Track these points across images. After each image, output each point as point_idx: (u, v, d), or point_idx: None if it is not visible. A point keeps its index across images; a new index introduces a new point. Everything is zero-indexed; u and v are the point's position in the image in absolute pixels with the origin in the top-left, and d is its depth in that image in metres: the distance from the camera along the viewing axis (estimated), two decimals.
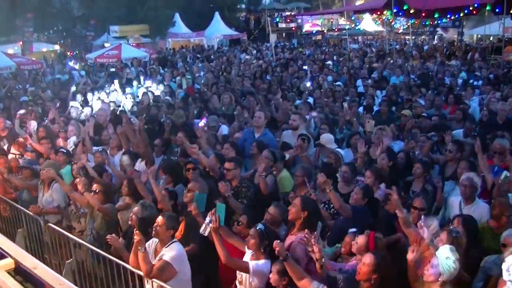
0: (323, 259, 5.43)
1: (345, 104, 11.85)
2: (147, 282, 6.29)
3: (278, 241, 5.47)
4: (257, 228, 6.02)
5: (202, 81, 19.66)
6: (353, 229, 6.24)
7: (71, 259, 7.76)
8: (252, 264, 5.95)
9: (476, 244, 6.14)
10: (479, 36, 42.68)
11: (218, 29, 46.84)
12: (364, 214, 6.79)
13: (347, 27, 50.63)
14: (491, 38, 37.91)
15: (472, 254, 5.87)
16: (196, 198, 6.93)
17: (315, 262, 5.45)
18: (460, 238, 5.71)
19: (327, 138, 9.61)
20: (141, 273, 6.25)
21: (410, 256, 5.44)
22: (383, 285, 5.28)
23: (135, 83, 20.18)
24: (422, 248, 5.56)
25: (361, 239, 5.89)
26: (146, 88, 18.32)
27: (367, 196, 7.09)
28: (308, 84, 17.34)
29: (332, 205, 7.17)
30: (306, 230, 5.68)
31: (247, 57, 32.38)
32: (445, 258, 5.06)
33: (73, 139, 10.95)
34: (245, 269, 5.98)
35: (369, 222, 6.69)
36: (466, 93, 14.93)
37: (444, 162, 8.92)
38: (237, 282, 6.27)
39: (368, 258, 5.32)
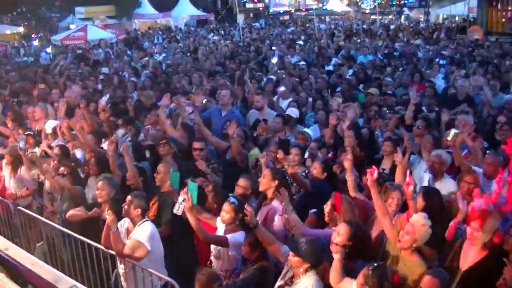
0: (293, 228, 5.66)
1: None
2: (120, 261, 6.34)
3: (249, 209, 5.53)
4: (231, 202, 6.11)
5: (169, 62, 19.56)
6: (313, 210, 6.44)
7: (42, 242, 7.72)
8: (229, 237, 6.04)
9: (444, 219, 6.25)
10: (445, 16, 43.20)
11: (185, 10, 46.34)
12: (323, 188, 6.88)
13: (314, 7, 50.76)
14: (457, 18, 38.38)
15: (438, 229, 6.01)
16: (171, 176, 6.93)
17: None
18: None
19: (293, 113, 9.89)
20: (113, 252, 6.27)
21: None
22: (358, 252, 5.41)
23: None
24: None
25: (328, 203, 6.08)
26: (114, 69, 18.15)
27: (327, 170, 7.24)
28: (275, 60, 17.38)
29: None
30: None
31: (215, 37, 32.22)
32: (421, 225, 5.21)
33: (50, 123, 10.74)
34: (224, 243, 6.06)
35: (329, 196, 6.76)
36: (432, 71, 15.10)
37: (410, 138, 8.97)
38: (212, 258, 6.33)
39: (343, 228, 5.43)
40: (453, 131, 7.10)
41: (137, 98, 12.61)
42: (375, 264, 4.82)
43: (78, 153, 9.30)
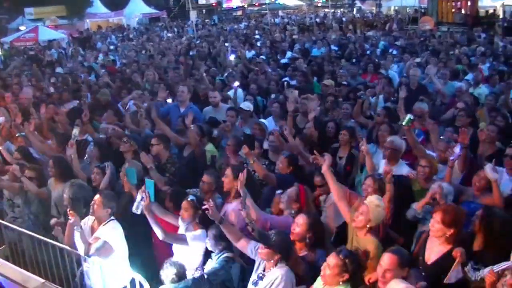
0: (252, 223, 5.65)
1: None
2: (85, 260, 6.31)
3: (211, 204, 5.55)
4: (189, 199, 6.14)
5: (124, 60, 19.43)
6: (280, 190, 6.52)
7: (4, 246, 7.62)
8: (189, 236, 6.05)
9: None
10: (396, 7, 43.84)
11: (137, 8, 46.01)
12: (289, 182, 6.90)
13: (267, 1, 50.85)
14: (408, 10, 39.00)
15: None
16: (127, 172, 6.87)
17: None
18: (384, 185, 6.09)
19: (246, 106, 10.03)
20: (78, 252, 6.24)
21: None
22: (317, 242, 5.53)
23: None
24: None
25: (291, 190, 6.18)
26: (69, 69, 17.92)
27: (292, 164, 7.34)
28: (233, 57, 17.43)
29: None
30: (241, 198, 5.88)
31: (169, 34, 32.07)
32: (375, 206, 5.38)
33: None
34: (184, 242, 6.08)
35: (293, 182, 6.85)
36: (386, 62, 15.37)
37: (372, 126, 9.22)
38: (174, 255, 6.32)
39: (301, 219, 5.54)
40: (407, 116, 7.25)
41: (92, 97, 12.49)
42: (339, 249, 4.94)
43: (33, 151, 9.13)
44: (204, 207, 5.55)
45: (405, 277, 4.60)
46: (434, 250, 5.25)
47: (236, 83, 11.78)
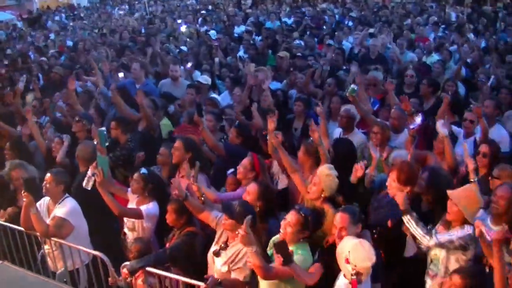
0: (203, 197, 5.78)
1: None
2: (44, 242, 6.26)
3: (175, 182, 5.60)
4: (141, 173, 6.16)
5: (76, 39, 19.07)
6: (231, 170, 6.58)
7: None
8: (143, 208, 6.08)
9: None
10: None
11: None
12: (238, 152, 7.00)
13: None
14: None
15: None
16: (98, 134, 6.50)
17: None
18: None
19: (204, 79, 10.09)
20: (37, 234, 6.18)
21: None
22: (268, 211, 5.61)
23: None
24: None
25: (245, 161, 6.24)
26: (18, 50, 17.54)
27: (242, 135, 7.41)
28: (184, 28, 17.24)
29: None
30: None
31: (121, 12, 31.53)
32: (325, 175, 5.44)
33: None
34: (139, 215, 6.09)
35: (244, 153, 6.87)
36: (340, 33, 15.44)
37: (322, 96, 9.32)
38: (126, 230, 6.35)
39: (252, 187, 5.61)
40: (351, 86, 7.32)
41: (44, 78, 12.27)
42: (299, 207, 5.03)
43: None
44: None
45: (359, 233, 4.75)
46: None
47: (189, 64, 11.68)
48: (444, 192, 5.07)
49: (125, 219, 6.35)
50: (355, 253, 4.21)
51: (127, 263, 5.49)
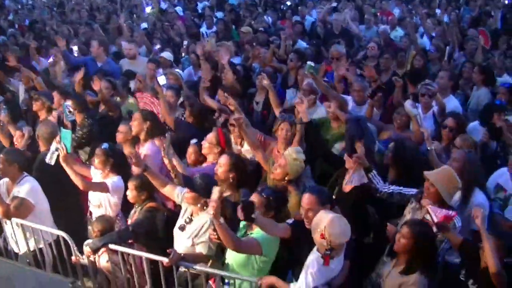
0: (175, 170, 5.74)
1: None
2: (6, 223, 6.17)
3: (134, 153, 5.59)
4: (102, 147, 6.12)
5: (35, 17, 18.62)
6: (194, 140, 6.56)
7: None
8: (109, 182, 6.03)
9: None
10: None
11: None
12: (186, 129, 7.14)
13: None
14: None
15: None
16: (62, 136, 6.16)
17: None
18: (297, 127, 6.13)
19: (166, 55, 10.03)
20: None
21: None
22: (241, 182, 5.62)
23: None
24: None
25: (210, 136, 6.22)
26: None
27: (193, 115, 7.43)
28: (149, 9, 17.02)
29: None
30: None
31: None
32: (293, 159, 5.44)
33: None
34: (105, 189, 6.03)
35: (193, 132, 7.04)
36: (303, 8, 15.38)
37: (286, 71, 9.31)
38: (92, 208, 6.29)
39: (223, 159, 5.59)
40: (308, 63, 7.32)
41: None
42: (261, 188, 5.03)
43: None
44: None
45: None
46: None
47: (158, 46, 11.54)
48: (410, 163, 5.15)
49: (90, 197, 6.28)
50: (331, 228, 4.20)
51: (90, 241, 5.44)
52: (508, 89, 7.39)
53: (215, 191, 4.41)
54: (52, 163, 6.00)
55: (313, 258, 4.43)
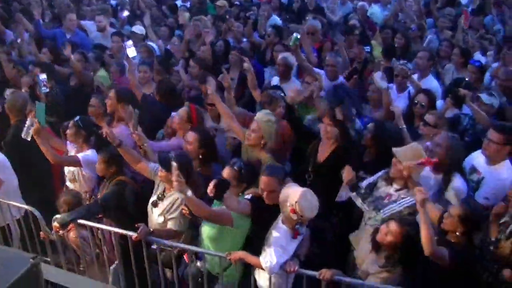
0: (145, 144, 5.70)
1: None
2: None
3: (106, 129, 5.48)
4: (74, 121, 6.05)
5: None
6: (174, 113, 6.48)
7: None
8: (81, 156, 5.98)
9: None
10: None
11: None
12: (153, 106, 7.04)
13: None
14: None
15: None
16: (37, 109, 6.08)
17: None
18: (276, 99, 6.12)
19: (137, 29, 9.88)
20: None
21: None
22: (211, 157, 5.61)
23: None
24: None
25: (182, 110, 6.18)
26: None
27: (159, 92, 7.31)
28: None
29: None
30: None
31: None
32: (264, 122, 5.42)
33: None
34: (77, 163, 5.99)
35: (160, 109, 6.99)
36: None
37: (264, 47, 9.29)
38: (68, 183, 6.25)
39: (191, 136, 5.54)
40: (294, 36, 7.26)
41: None
42: (233, 161, 4.99)
43: None
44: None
45: None
46: (325, 150, 5.55)
47: (125, 13, 11.36)
48: (387, 146, 5.16)
49: (66, 171, 6.24)
50: (303, 203, 4.19)
51: (58, 216, 5.35)
52: (478, 67, 7.40)
53: (173, 168, 4.35)
54: (29, 138, 5.85)
55: (280, 232, 4.43)
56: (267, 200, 4.61)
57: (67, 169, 6.19)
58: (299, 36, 7.20)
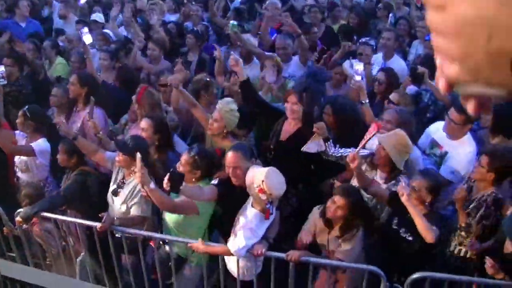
0: (101, 132, 5.68)
1: None
2: None
3: (62, 121, 5.44)
4: (23, 110, 5.98)
5: None
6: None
7: None
8: (34, 145, 5.91)
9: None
10: None
11: None
12: (110, 91, 6.99)
13: None
14: None
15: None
16: None
17: None
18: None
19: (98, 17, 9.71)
20: None
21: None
22: (166, 143, 5.55)
23: None
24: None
25: (135, 96, 6.08)
26: None
27: (118, 77, 7.30)
28: None
29: None
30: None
31: None
32: (226, 111, 5.37)
33: None
34: (30, 151, 5.90)
35: (118, 96, 6.96)
36: None
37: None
38: (20, 174, 6.16)
39: (145, 123, 5.46)
40: (231, 23, 7.26)
41: None
42: (191, 147, 4.95)
43: None
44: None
45: None
46: (289, 129, 5.57)
47: (83, 0, 11.15)
48: (348, 120, 5.23)
49: (16, 162, 6.14)
50: (269, 181, 4.17)
51: (21, 210, 5.25)
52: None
53: (138, 160, 4.30)
54: None
55: (250, 216, 4.40)
56: (234, 179, 4.59)
57: (18, 160, 6.10)
58: (235, 23, 7.18)
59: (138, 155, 4.32)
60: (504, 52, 0.67)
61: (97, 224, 4.84)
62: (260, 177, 4.20)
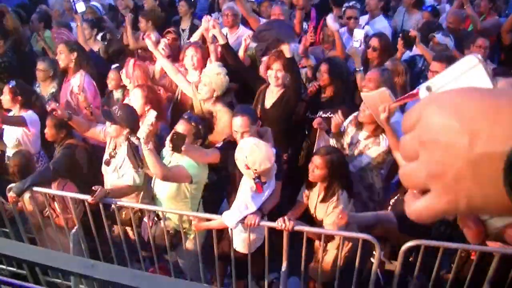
0: (90, 105, 5.71)
1: None
2: None
3: (53, 104, 5.35)
4: (10, 85, 5.94)
5: None
6: (116, 65, 6.49)
7: None
8: (25, 115, 5.90)
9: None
10: None
11: None
12: (96, 62, 6.86)
13: None
14: None
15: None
16: None
17: None
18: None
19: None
20: None
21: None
22: (158, 113, 5.42)
23: None
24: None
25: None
26: None
27: (107, 51, 7.42)
28: None
29: None
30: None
31: None
32: (216, 74, 5.34)
33: None
34: (22, 122, 5.87)
35: (103, 67, 6.84)
36: None
37: None
38: (9, 151, 6.07)
39: (135, 94, 5.46)
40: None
41: None
42: (187, 116, 4.88)
43: None
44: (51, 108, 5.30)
45: (259, 131, 4.77)
46: (272, 96, 5.58)
47: None
48: (343, 79, 5.32)
49: (5, 140, 6.10)
50: (252, 157, 4.12)
51: (13, 185, 5.18)
52: (431, 12, 7.62)
53: (152, 114, 4.29)
54: None
55: (246, 186, 4.39)
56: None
57: (8, 137, 6.06)
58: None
59: (152, 111, 4.34)
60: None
61: (89, 198, 4.76)
62: (245, 153, 4.17)
